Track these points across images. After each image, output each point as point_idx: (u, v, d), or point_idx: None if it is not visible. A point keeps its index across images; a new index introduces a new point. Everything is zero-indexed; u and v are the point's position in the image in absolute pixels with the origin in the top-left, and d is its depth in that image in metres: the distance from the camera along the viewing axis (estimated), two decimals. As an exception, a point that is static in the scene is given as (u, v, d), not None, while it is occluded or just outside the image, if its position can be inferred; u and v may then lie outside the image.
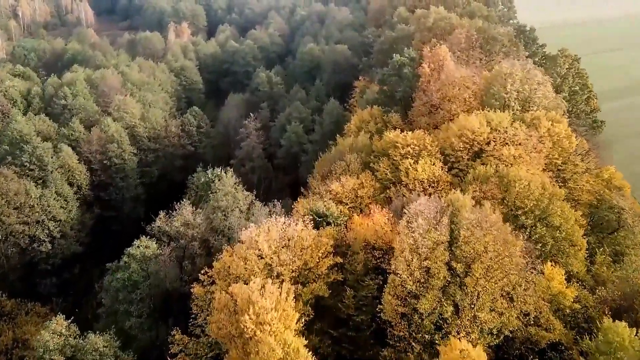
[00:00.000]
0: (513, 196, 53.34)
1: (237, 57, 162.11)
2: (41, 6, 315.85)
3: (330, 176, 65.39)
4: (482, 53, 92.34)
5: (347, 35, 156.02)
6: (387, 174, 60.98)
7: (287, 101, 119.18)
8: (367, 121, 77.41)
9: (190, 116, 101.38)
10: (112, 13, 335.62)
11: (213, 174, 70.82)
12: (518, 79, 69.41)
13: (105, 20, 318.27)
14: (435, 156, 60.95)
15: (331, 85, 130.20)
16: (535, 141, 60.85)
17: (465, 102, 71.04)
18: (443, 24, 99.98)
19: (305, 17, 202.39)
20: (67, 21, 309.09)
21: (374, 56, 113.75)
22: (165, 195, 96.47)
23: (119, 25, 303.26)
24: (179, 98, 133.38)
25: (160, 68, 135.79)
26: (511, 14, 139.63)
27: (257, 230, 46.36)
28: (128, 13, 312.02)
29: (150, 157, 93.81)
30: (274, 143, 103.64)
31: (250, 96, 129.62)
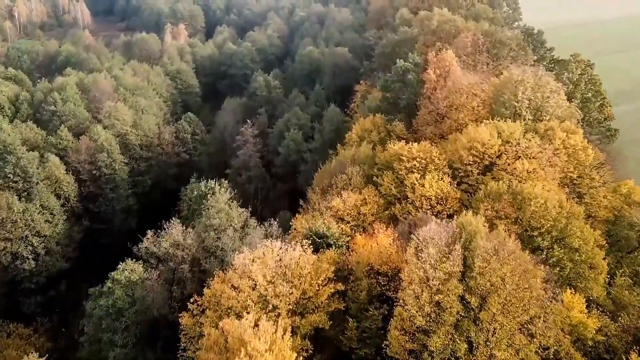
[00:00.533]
0: (528, 215, 49.42)
1: (234, 59, 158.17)
2: (38, 6, 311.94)
3: (331, 190, 61.48)
4: (489, 57, 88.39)
5: (348, 37, 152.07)
6: (391, 190, 57.05)
7: (286, 106, 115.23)
8: (370, 130, 73.47)
9: (184, 123, 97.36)
10: (110, 14, 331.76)
11: (207, 187, 66.81)
12: (529, 87, 65.42)
13: (103, 21, 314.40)
14: (443, 170, 57.00)
15: (331, 89, 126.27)
16: (550, 154, 56.87)
17: (473, 110, 67.05)
18: (448, 26, 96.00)
19: (305, 18, 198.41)
20: (64, 22, 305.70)
21: (376, 60, 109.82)
22: (159, 204, 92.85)
23: (117, 26, 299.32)
24: (174, 102, 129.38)
25: (155, 71, 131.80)
26: (516, 16, 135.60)
27: (250, 256, 42.47)
28: (125, 14, 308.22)
29: (142, 166, 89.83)
30: (271, 150, 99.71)
31: (248, 100, 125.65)
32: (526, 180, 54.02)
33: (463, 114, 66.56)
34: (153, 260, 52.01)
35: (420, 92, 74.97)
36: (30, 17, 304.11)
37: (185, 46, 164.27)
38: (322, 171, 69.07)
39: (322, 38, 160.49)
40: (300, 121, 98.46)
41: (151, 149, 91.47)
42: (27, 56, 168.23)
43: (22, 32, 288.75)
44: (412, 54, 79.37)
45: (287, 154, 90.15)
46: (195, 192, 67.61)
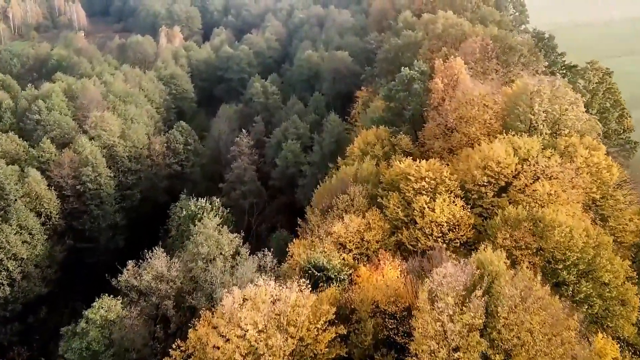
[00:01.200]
0: (551, 246, 44.26)
1: (231, 63, 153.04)
2: (33, 8, 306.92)
3: (331, 211, 56.31)
4: (498, 64, 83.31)
5: (348, 41, 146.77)
6: (397, 213, 51.85)
7: (284, 113, 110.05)
8: (373, 143, 68.29)
9: (176, 132, 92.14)
10: (106, 15, 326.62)
11: (197, 206, 61.69)
12: (546, 98, 60.28)
13: (99, 22, 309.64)
14: (455, 192, 51.84)
15: (331, 96, 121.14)
16: (572, 174, 51.71)
17: (485, 124, 61.91)
18: (454, 31, 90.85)
19: (304, 20, 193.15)
20: (59, 23, 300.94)
21: (378, 65, 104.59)
22: (149, 219, 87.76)
23: (113, 27, 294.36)
24: (168, 108, 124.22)
25: (148, 76, 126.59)
26: (523, 18, 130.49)
27: (240, 297, 37.33)
28: (122, 15, 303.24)
29: (130, 179, 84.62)
30: (268, 161, 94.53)
31: (244, 107, 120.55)
32: (547, 204, 48.92)
33: (474, 128, 61.40)
34: (134, 294, 46.80)
35: (427, 102, 69.93)
36: (25, 18, 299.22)
37: (180, 49, 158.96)
38: (322, 188, 63.84)
39: (322, 41, 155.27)
40: (299, 130, 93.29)
41: (140, 160, 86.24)
42: (17, 60, 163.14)
43: (17, 33, 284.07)
44: (418, 62, 74.22)
45: (284, 166, 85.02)
46: (184, 211, 62.42)
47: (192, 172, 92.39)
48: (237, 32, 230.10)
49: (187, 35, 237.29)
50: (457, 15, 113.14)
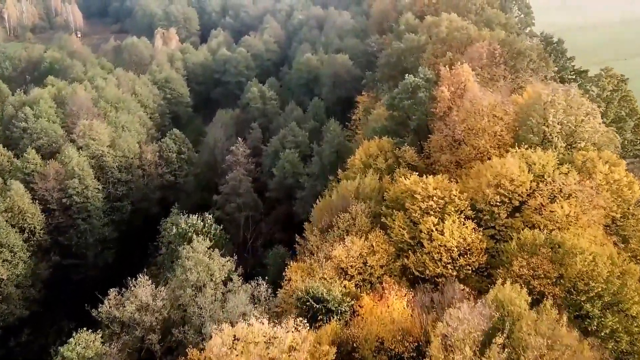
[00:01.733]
0: (573, 275, 40.35)
1: (228, 66, 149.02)
2: (29, 8, 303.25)
3: (332, 231, 52.41)
4: (506, 70, 79.45)
5: (348, 43, 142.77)
6: (403, 235, 47.91)
7: (282, 119, 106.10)
8: (375, 156, 64.31)
9: (169, 140, 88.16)
10: (104, 15, 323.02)
11: (187, 223, 57.78)
12: (561, 108, 56.37)
13: (96, 23, 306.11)
14: (465, 212, 47.92)
15: (331, 101, 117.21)
16: (592, 192, 47.76)
17: (495, 136, 57.97)
18: (459, 35, 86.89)
19: (303, 22, 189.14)
20: (55, 24, 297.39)
21: (379, 70, 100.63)
22: (141, 232, 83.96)
23: (110, 28, 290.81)
24: (162, 114, 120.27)
25: (141, 80, 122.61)
26: (529, 20, 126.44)
27: (230, 336, 33.44)
28: (119, 16, 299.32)
29: (120, 191, 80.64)
30: (265, 171, 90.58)
31: (241, 112, 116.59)
32: (566, 227, 45.04)
33: (484, 140, 57.46)
34: (116, 326, 42.84)
35: (433, 111, 65.96)
36: (21, 19, 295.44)
37: (176, 52, 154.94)
38: (321, 204, 59.93)
39: (321, 44, 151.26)
40: (297, 138, 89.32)
41: (131, 171, 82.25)
42: (9, 62, 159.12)
43: (12, 34, 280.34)
44: (423, 68, 70.18)
45: (282, 176, 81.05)
46: (175, 228, 58.48)
47: (185, 182, 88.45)
48: (236, 33, 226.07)
49: (185, 37, 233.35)
50: (462, 18, 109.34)
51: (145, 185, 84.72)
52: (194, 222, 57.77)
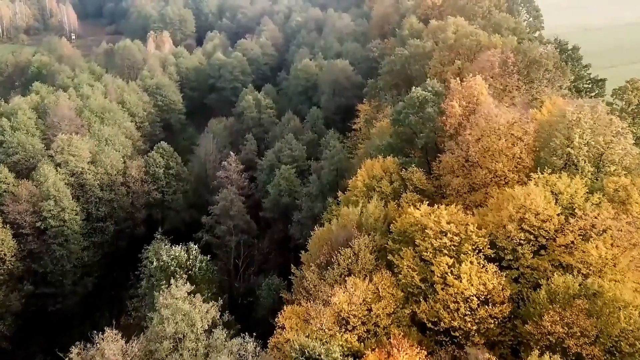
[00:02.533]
0: (615, 333, 34.27)
1: (223, 71, 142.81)
2: (23, 9, 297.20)
3: (331, 268, 46.28)
4: (520, 80, 73.41)
5: (348, 48, 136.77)
6: (413, 278, 41.76)
7: (279, 130, 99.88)
8: (379, 177, 58.15)
9: (156, 155, 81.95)
10: (99, 16, 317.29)
11: (170, 256, 51.66)
12: (588, 128, 50.26)
13: (91, 24, 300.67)
14: (485, 251, 41.80)
15: (330, 109, 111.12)
16: (630, 228, 41.61)
17: (514, 158, 51.86)
18: (469, 42, 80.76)
19: (302, 24, 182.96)
20: (50, 25, 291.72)
21: (382, 77, 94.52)
22: (125, 255, 77.91)
23: (105, 30, 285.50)
24: (152, 122, 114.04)
25: (130, 87, 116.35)
26: (538, 24, 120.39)
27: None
28: (114, 17, 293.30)
29: (102, 211, 74.46)
30: (260, 187, 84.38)
31: (236, 121, 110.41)
32: (603, 271, 38.96)
33: (501, 164, 51.33)
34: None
35: (442, 127, 59.84)
36: (14, 20, 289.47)
37: (169, 56, 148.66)
38: (319, 234, 53.80)
39: (320, 48, 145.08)
40: (294, 152, 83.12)
41: (114, 189, 76.03)
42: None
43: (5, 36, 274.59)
44: (432, 80, 64.06)
45: (277, 194, 74.92)
46: (156, 261, 52.30)
47: (173, 200, 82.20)
48: (232, 35, 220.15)
49: (180, 39, 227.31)
50: (469, 22, 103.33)
51: (130, 204, 78.52)
52: (177, 254, 51.57)
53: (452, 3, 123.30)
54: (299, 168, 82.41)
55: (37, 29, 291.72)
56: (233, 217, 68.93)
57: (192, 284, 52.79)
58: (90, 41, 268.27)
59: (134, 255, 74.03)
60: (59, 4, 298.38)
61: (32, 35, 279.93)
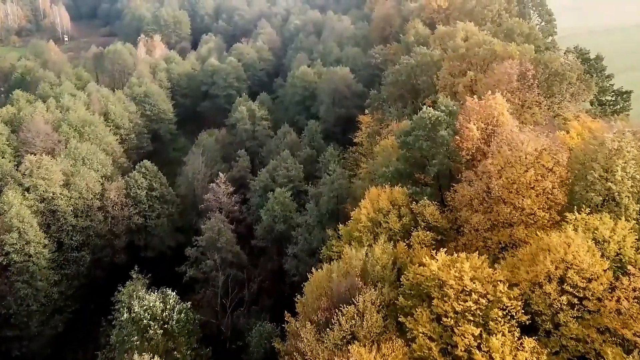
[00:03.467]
0: None
1: (217, 78, 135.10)
2: (14, 10, 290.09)
3: (331, 330, 38.84)
4: (540, 94, 66.06)
5: (349, 53, 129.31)
6: (431, 350, 34.27)
7: (274, 145, 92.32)
8: (386, 211, 50.70)
9: (137, 175, 74.37)
10: (94, 17, 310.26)
11: (142, 306, 44.24)
12: (632, 159, 42.88)
13: (86, 25, 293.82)
14: (518, 317, 34.36)
15: (330, 121, 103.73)
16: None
17: (544, 193, 44.42)
18: (482, 51, 73.30)
19: (300, 27, 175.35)
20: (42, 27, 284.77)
21: (386, 88, 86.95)
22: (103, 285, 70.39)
23: (99, 31, 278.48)
24: (139, 134, 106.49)
25: (116, 96, 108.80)
26: (551, 29, 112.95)
27: None
28: (109, 18, 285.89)
29: (77, 239, 66.90)
30: (253, 210, 76.80)
31: (228, 134, 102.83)
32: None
33: (530, 200, 43.88)
34: None
35: (457, 150, 52.37)
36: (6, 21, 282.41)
37: (160, 62, 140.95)
38: (318, 279, 46.30)
39: (319, 53, 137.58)
40: (290, 172, 75.56)
41: (90, 214, 68.49)
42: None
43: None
44: (445, 98, 56.66)
45: (271, 221, 67.45)
46: (126, 313, 44.85)
47: (157, 225, 74.59)
48: (229, 37, 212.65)
49: (175, 42, 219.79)
50: (479, 28, 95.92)
51: (109, 230, 70.93)
52: (151, 305, 44.08)
53: (460, 6, 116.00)
54: (296, 189, 74.92)
55: (30, 31, 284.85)
56: (220, 250, 61.40)
57: (170, 338, 45.51)
58: (83, 43, 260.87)
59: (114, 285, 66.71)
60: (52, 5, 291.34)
61: (23, 37, 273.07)
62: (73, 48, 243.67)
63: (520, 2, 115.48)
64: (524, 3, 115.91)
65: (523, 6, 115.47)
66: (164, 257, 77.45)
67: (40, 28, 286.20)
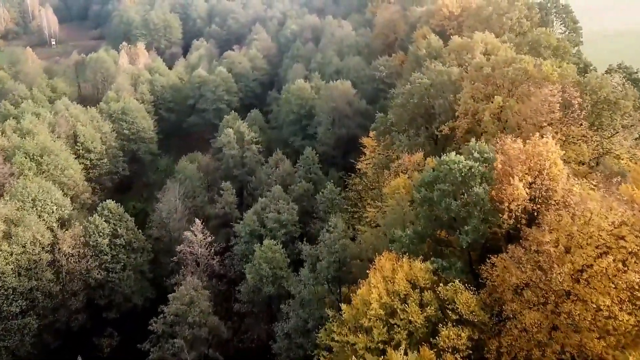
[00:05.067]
0: None
1: (205, 90, 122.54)
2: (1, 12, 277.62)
3: None
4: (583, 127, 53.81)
5: (350, 64, 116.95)
6: None
7: (264, 175, 79.83)
8: (404, 294, 38.29)
9: (98, 219, 61.71)
10: (85, 19, 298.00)
11: None
12: None
13: (76, 28, 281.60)
14: None
15: (329, 143, 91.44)
16: None
17: (629, 287, 32.00)
18: (512, 72, 60.84)
19: (297, 33, 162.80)
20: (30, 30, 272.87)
21: (395, 110, 74.15)
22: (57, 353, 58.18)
23: (90, 34, 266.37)
24: (114, 157, 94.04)
25: (89, 114, 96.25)
26: (577, 39, 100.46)
27: None
28: (99, 20, 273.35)
29: (19, 304, 54.48)
30: (238, 260, 64.18)
31: (213, 159, 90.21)
32: None
33: (609, 299, 31.49)
34: None
35: (496, 213, 39.88)
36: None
37: (143, 72, 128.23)
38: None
39: (317, 63, 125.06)
40: (282, 215, 63.06)
41: (37, 272, 56.03)
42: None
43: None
44: (479, 142, 44.04)
45: (257, 281, 54.96)
46: None
47: (122, 279, 61.98)
48: (223, 42, 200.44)
49: (165, 47, 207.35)
50: (499, 39, 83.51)
51: (62, 289, 58.45)
52: None
53: (474, 12, 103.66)
54: (289, 235, 62.47)
55: (17, 34, 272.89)
56: (193, 325, 48.99)
57: None
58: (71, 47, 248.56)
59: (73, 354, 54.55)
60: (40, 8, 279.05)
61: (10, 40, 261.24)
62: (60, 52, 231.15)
63: (543, 8, 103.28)
64: (547, 9, 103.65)
65: (545, 12, 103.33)
66: (134, 316, 65.02)
67: (28, 31, 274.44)
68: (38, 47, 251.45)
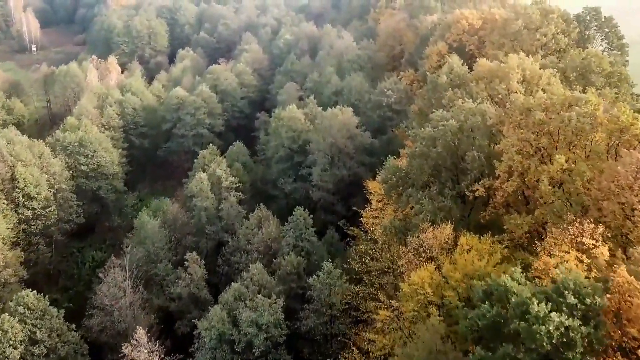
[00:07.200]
0: None
1: (183, 113, 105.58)
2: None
3: None
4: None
5: (352, 83, 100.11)
6: None
7: (242, 236, 62.82)
8: None
9: (9, 321, 44.20)
10: (71, 22, 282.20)
11: None
12: None
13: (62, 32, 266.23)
14: None
15: (327, 187, 74.52)
16: None
17: None
18: (575, 119, 43.91)
19: (292, 43, 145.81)
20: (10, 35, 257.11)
21: (414, 163, 56.61)
22: None
23: (75, 40, 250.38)
24: (64, 203, 77.27)
25: (37, 149, 79.25)
26: (623, 59, 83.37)
27: None
28: (85, 24, 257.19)
29: None
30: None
31: (182, 210, 72.87)
32: None
33: None
34: None
35: None
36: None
37: (112, 91, 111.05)
38: None
39: (314, 82, 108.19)
40: (261, 315, 46.19)
41: None
42: None
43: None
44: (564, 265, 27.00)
45: None
46: None
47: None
48: (212, 50, 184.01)
49: (150, 56, 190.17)
50: (539, 63, 66.64)
51: None
52: None
53: (500, 25, 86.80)
54: (271, 341, 45.60)
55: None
56: None
57: None
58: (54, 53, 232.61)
59: None
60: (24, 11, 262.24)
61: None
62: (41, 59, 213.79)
63: (581, 21, 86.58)
64: (586, 23, 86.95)
65: (585, 27, 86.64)
66: None
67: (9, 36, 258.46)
68: (18, 54, 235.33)
